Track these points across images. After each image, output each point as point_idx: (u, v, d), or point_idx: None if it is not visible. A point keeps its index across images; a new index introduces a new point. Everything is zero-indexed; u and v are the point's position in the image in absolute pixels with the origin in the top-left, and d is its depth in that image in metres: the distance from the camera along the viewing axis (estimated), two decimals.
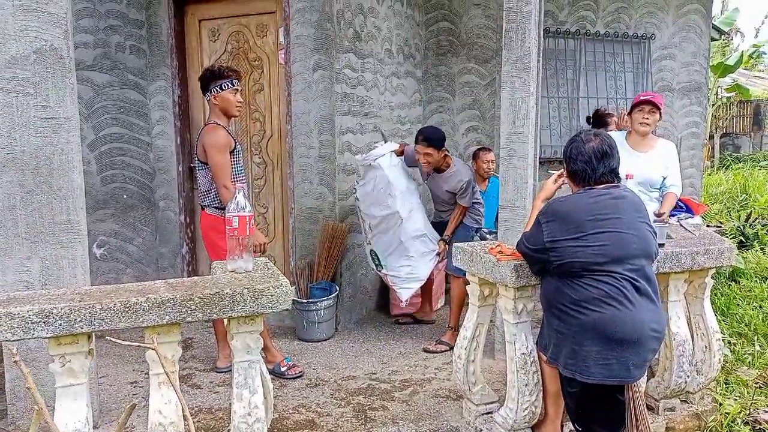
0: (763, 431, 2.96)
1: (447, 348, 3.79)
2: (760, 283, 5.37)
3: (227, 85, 3.24)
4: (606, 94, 6.13)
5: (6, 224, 2.61)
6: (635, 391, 2.47)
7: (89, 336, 1.95)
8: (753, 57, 17.33)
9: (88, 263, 2.80)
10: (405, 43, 5.07)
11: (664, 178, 3.42)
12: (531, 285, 2.56)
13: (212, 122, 3.29)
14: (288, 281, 2.13)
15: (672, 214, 3.54)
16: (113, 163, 4.53)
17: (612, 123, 4.48)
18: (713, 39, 7.67)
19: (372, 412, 3.01)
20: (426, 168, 4.04)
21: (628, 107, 3.75)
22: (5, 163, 2.59)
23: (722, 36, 11.73)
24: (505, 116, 3.37)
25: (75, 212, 2.69)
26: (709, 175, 11.50)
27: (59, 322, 1.83)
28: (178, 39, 4.47)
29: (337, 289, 4.13)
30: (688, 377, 2.93)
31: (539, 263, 2.41)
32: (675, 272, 2.84)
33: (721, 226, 6.85)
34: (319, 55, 4.06)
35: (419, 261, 3.99)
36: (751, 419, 3.10)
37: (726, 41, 17.08)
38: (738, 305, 4.83)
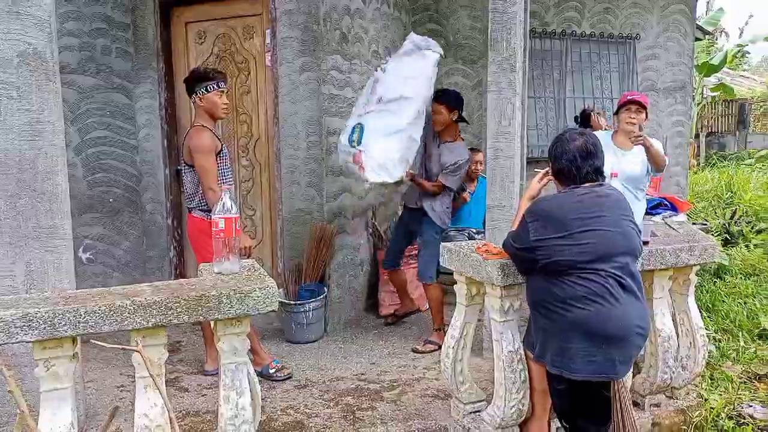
0: (747, 425, 3.00)
1: (435, 347, 3.80)
2: (745, 280, 5.43)
3: (213, 87, 3.24)
4: (592, 94, 6.18)
5: None
6: (621, 388, 2.49)
7: (74, 340, 1.94)
8: (737, 57, 17.58)
9: (74, 267, 2.79)
10: (392, 45, 5.08)
11: (649, 170, 3.43)
12: (517, 284, 2.57)
13: (198, 124, 3.28)
14: (274, 283, 2.14)
15: (657, 212, 3.58)
16: (99, 167, 4.50)
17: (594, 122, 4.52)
18: (697, 39, 7.76)
19: (360, 413, 3.01)
20: (436, 127, 3.94)
21: (615, 107, 3.78)
22: None
23: (706, 36, 11.86)
24: (492, 116, 3.39)
25: (60, 216, 2.68)
26: (695, 174, 11.62)
27: (43, 326, 1.82)
28: (165, 42, 4.46)
29: (326, 291, 4.13)
30: (674, 373, 2.96)
31: (526, 262, 2.42)
32: (659, 269, 2.87)
33: (707, 224, 6.91)
34: (306, 57, 4.06)
35: (399, 159, 3.69)
36: (735, 414, 3.14)
37: (711, 41, 17.26)
38: (723, 301, 4.88)
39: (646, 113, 3.44)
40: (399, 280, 4.33)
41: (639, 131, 3.34)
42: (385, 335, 4.19)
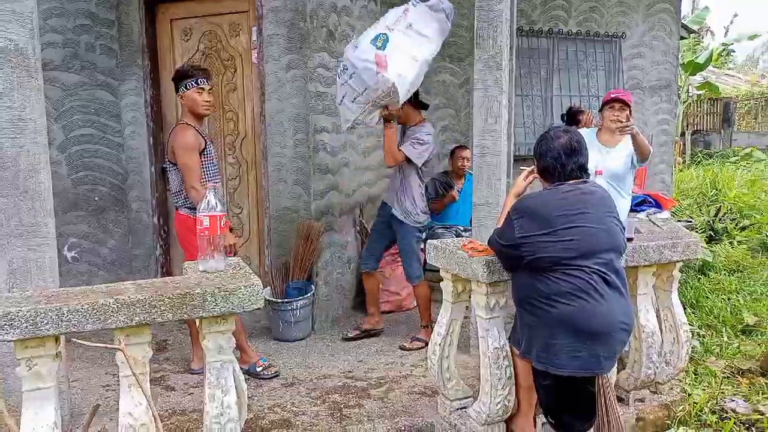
0: (730, 419, 3.04)
1: (423, 344, 3.81)
2: (729, 276, 5.50)
3: (192, 84, 3.23)
4: (579, 92, 6.22)
5: None
6: (605, 383, 2.51)
7: (57, 339, 1.92)
8: (722, 55, 17.76)
9: (57, 266, 2.76)
10: None
11: (634, 163, 3.45)
12: (503, 280, 2.59)
13: (182, 122, 3.28)
14: (259, 280, 2.13)
15: (641, 209, 3.61)
16: (84, 165, 4.46)
17: (582, 120, 4.54)
18: (682, 38, 7.83)
19: (347, 410, 3.01)
20: (402, 121, 3.90)
21: (600, 105, 3.79)
22: None
23: (692, 35, 11.97)
24: (478, 114, 3.39)
25: (43, 214, 2.65)
26: (681, 171, 11.73)
27: (24, 325, 1.80)
28: (150, 39, 4.42)
29: (313, 289, 4.12)
30: (657, 368, 2.99)
31: (511, 259, 2.44)
32: (643, 266, 2.90)
33: (692, 221, 6.98)
34: (293, 55, 4.05)
35: (411, 83, 3.50)
36: (718, 408, 3.18)
37: (696, 39, 17.42)
38: (707, 297, 4.94)
39: (630, 110, 3.47)
40: (372, 286, 4.16)
41: (628, 122, 3.35)
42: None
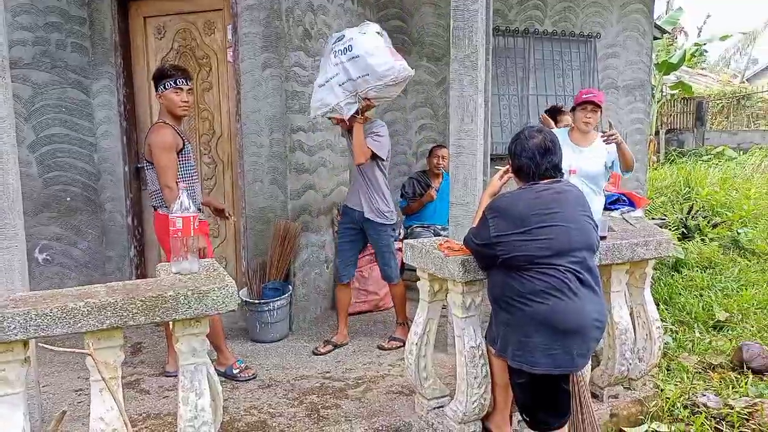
0: (701, 414, 3.09)
1: (400, 344, 3.82)
2: (701, 273, 5.61)
3: (170, 84, 3.20)
4: (555, 92, 6.28)
5: None
6: (580, 380, 2.55)
7: (25, 343, 1.88)
8: (695, 55, 18.08)
9: (27, 269, 2.70)
10: None
11: (607, 167, 3.51)
12: (478, 279, 2.60)
13: (160, 121, 3.25)
14: (234, 282, 2.11)
15: (615, 208, 3.66)
16: (55, 165, 4.38)
17: (561, 121, 4.58)
18: (656, 38, 7.95)
19: (325, 411, 3.00)
20: (343, 124, 3.75)
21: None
22: None
23: (665, 35, 12.17)
24: (454, 113, 3.40)
25: (11, 215, 2.59)
26: (655, 170, 11.93)
27: None
28: (123, 36, 4.36)
29: (291, 289, 4.10)
30: (631, 365, 3.04)
31: (486, 258, 2.45)
32: (616, 263, 2.94)
33: (665, 219, 7.10)
34: (269, 53, 4.02)
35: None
36: (690, 403, 3.23)
37: (670, 40, 17.71)
38: (680, 294, 5.03)
39: (601, 111, 3.52)
40: (346, 299, 4.01)
41: (612, 131, 3.41)
42: (351, 333, 4.17)
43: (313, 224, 4.37)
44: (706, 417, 3.08)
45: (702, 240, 6.61)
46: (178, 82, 3.22)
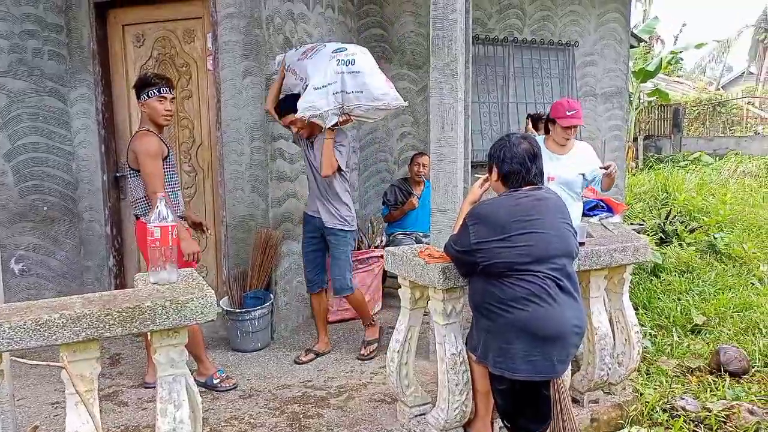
0: (680, 417, 3.13)
1: (376, 343, 3.85)
2: (679, 277, 5.68)
3: (153, 93, 3.19)
4: (534, 99, 6.35)
5: None
6: (560, 386, 2.57)
7: None
8: (672, 63, 18.44)
9: (2, 280, 2.65)
10: None
11: (583, 175, 3.56)
12: (459, 286, 2.61)
13: (144, 129, 3.23)
14: (213, 292, 2.10)
15: (593, 214, 3.70)
16: (32, 174, 4.31)
17: (540, 128, 4.63)
18: (632, 46, 8.09)
19: (306, 420, 2.99)
20: (308, 132, 3.70)
21: (549, 112, 3.87)
22: None
23: (641, 43, 12.38)
24: (434, 121, 3.42)
25: None
26: (634, 176, 12.09)
27: None
28: (101, 44, 4.31)
29: (272, 298, 4.08)
30: (610, 369, 3.06)
31: (467, 265, 2.46)
32: (595, 269, 2.97)
33: (644, 224, 7.20)
34: (249, 62, 4.01)
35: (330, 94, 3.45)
36: (669, 406, 3.27)
37: (647, 48, 18.03)
38: (659, 298, 5.09)
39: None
40: (322, 307, 3.95)
41: (611, 167, 3.43)
42: (333, 341, 4.16)
43: (295, 232, 4.36)
44: (685, 420, 3.12)
45: (680, 245, 6.70)
46: (162, 91, 3.20)
